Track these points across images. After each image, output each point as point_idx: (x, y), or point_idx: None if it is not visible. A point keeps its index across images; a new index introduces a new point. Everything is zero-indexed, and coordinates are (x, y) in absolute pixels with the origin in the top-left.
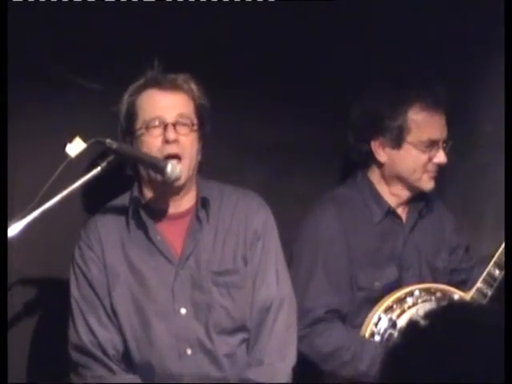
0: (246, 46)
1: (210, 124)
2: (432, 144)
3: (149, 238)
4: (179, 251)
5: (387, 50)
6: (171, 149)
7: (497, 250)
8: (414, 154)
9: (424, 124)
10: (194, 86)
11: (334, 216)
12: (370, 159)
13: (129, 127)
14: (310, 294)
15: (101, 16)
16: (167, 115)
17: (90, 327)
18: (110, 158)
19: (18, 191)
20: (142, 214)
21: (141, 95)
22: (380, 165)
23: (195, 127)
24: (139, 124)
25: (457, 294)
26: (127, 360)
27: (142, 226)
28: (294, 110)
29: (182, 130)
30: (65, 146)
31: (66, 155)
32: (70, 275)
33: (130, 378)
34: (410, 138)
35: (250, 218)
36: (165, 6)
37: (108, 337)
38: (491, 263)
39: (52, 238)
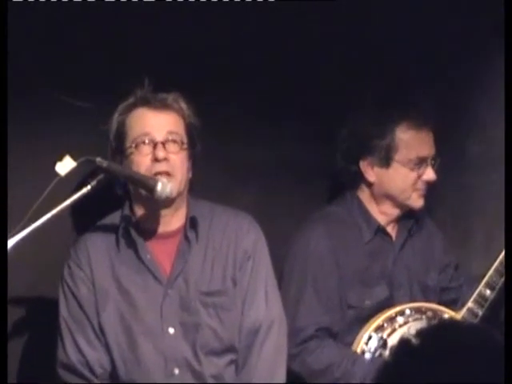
0: (235, 64)
1: (200, 143)
2: (420, 161)
3: (138, 257)
4: (168, 271)
5: (386, 64)
6: (160, 167)
7: (487, 270)
8: (402, 173)
9: (412, 142)
10: (183, 105)
11: (323, 235)
12: (358, 179)
13: (118, 146)
14: (301, 314)
15: (96, 28)
16: (157, 133)
17: (79, 346)
18: (100, 176)
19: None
20: (132, 232)
21: (131, 114)
22: (369, 184)
23: (185, 146)
24: (129, 142)
25: (447, 314)
26: (115, 379)
27: (131, 245)
28: (283, 128)
29: (172, 148)
30: (55, 164)
31: (56, 174)
32: (59, 294)
33: None
34: (398, 156)
35: (241, 238)
36: (156, 27)
37: (96, 356)
38: (482, 283)
39: (41, 256)
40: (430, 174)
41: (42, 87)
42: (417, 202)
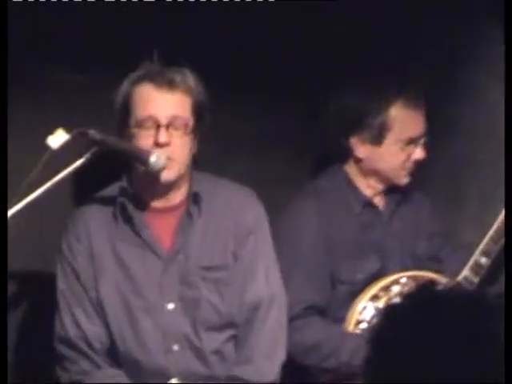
0: (226, 39)
1: (209, 117)
2: (412, 141)
3: (136, 232)
4: (168, 245)
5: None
6: (162, 152)
7: (481, 239)
8: (393, 152)
9: (405, 122)
10: (192, 83)
11: (312, 211)
12: (347, 154)
13: (123, 119)
14: (289, 291)
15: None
16: (160, 116)
17: (76, 320)
18: (94, 149)
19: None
20: (130, 206)
21: (137, 89)
22: (358, 160)
23: (189, 129)
24: (132, 121)
25: (443, 281)
26: (113, 354)
27: (129, 219)
28: (274, 100)
29: (175, 132)
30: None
31: (48, 147)
32: (57, 268)
33: (116, 372)
34: (390, 135)
35: (242, 213)
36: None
37: (94, 330)
38: (477, 251)
39: (38, 230)
40: (420, 154)
41: (34, 60)
42: (403, 179)
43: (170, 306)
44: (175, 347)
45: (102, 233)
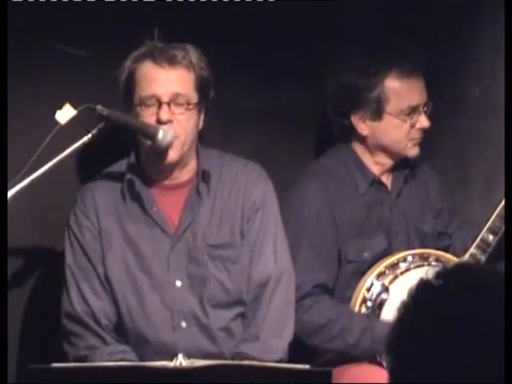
0: (233, 14)
1: (213, 93)
2: (413, 110)
3: (144, 209)
4: (176, 223)
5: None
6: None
7: (488, 215)
8: (395, 124)
9: (402, 91)
10: (194, 58)
11: (317, 189)
12: (351, 132)
13: (127, 96)
14: (297, 270)
15: None
16: (162, 94)
17: (84, 296)
18: (101, 124)
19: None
20: (138, 183)
21: (139, 67)
22: (362, 138)
23: (191, 106)
24: (136, 99)
25: (450, 260)
26: (120, 330)
27: (137, 196)
28: (279, 77)
29: (177, 109)
30: (54, 113)
31: (56, 122)
32: (64, 243)
33: (123, 348)
34: (389, 107)
35: (250, 190)
36: None
37: (101, 306)
38: (485, 228)
39: (43, 207)
40: (423, 122)
41: (39, 36)
42: (412, 150)
43: (178, 282)
44: (183, 324)
45: (110, 209)
